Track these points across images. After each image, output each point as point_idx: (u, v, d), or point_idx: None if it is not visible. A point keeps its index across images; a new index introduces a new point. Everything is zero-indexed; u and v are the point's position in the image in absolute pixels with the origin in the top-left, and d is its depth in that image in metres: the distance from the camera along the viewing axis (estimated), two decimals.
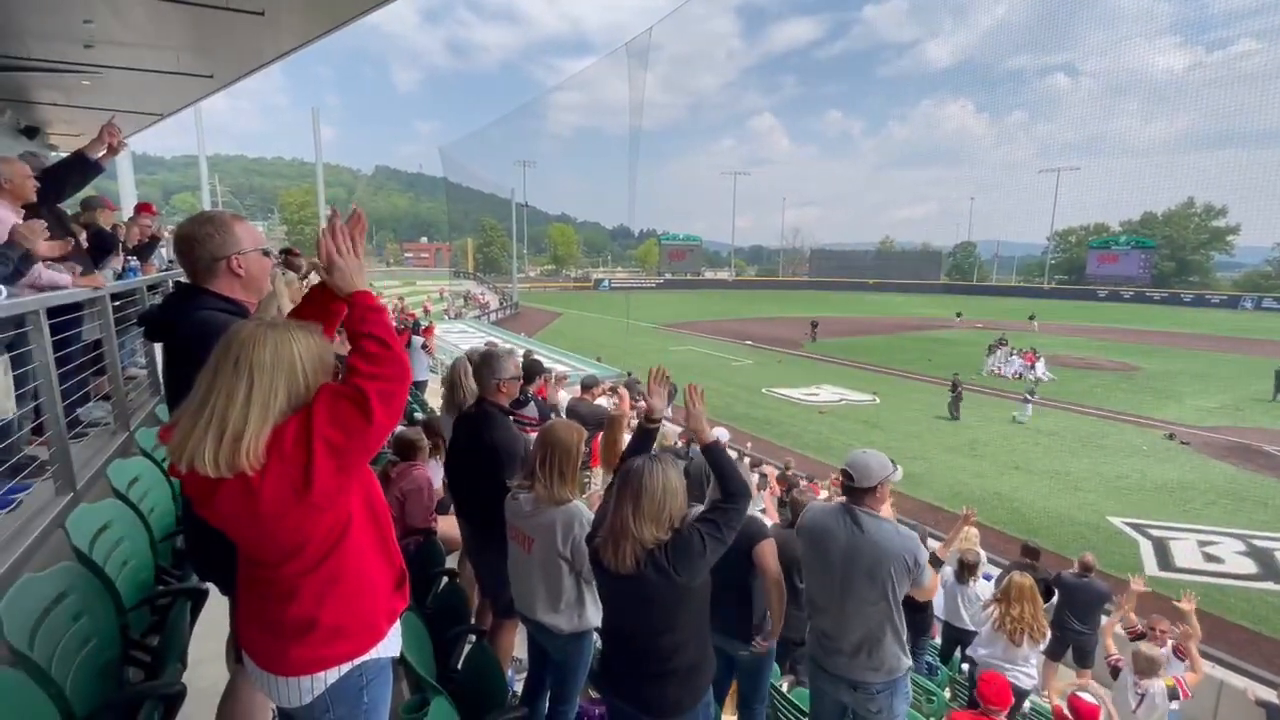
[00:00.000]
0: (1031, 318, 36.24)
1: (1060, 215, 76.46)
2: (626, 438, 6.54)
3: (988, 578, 6.78)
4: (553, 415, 5.36)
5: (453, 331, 23.35)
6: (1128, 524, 10.88)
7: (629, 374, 17.39)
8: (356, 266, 1.48)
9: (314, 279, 2.07)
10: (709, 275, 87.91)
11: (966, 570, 6.13)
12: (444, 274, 61.07)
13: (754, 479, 7.87)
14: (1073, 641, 6.55)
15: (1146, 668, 4.84)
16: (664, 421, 2.67)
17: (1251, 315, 50.36)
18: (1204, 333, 36.95)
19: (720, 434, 6.54)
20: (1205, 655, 7.06)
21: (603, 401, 7.90)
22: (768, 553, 2.95)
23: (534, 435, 2.72)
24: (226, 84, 6.14)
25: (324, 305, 1.59)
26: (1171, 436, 15.88)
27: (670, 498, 2.06)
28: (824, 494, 9.28)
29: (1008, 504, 11.74)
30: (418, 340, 9.49)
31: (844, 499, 2.89)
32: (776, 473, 10.26)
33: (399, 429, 4.17)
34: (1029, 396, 17.66)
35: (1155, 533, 10.55)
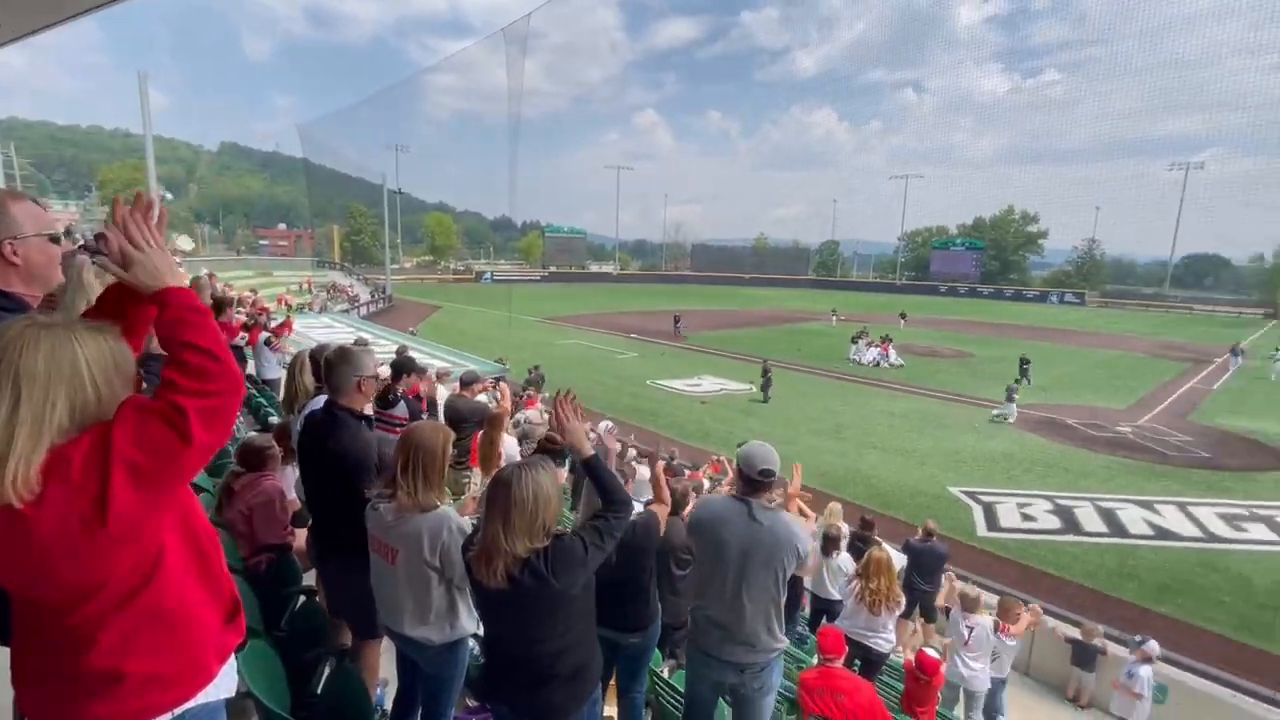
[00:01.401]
0: (902, 315, 38.61)
1: (909, 218, 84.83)
2: (507, 438, 6.39)
3: (850, 548, 7.37)
4: (424, 415, 5.11)
5: (317, 326, 21.50)
6: (964, 492, 12.33)
7: (503, 364, 17.00)
8: (161, 258, 1.27)
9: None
10: (594, 269, 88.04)
11: (830, 543, 6.60)
12: (306, 264, 56.77)
13: (642, 470, 8.00)
14: (920, 600, 7.29)
15: (970, 605, 5.52)
16: (533, 420, 2.61)
17: (1057, 309, 58.80)
18: (1023, 323, 42.55)
19: (601, 427, 6.58)
20: (1018, 600, 8.17)
21: (483, 398, 7.75)
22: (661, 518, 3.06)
23: None
24: (19, 36, 5.19)
25: (124, 306, 1.35)
26: (997, 416, 18.16)
27: (543, 506, 2.02)
28: (706, 482, 9.65)
29: (866, 480, 12.86)
30: (263, 337, 8.65)
31: (737, 491, 2.98)
32: (662, 463, 10.50)
33: (247, 436, 3.78)
34: (1011, 396, 17.98)
35: (985, 499, 12.04)
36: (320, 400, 3.02)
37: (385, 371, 6.78)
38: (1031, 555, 9.91)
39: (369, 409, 5.06)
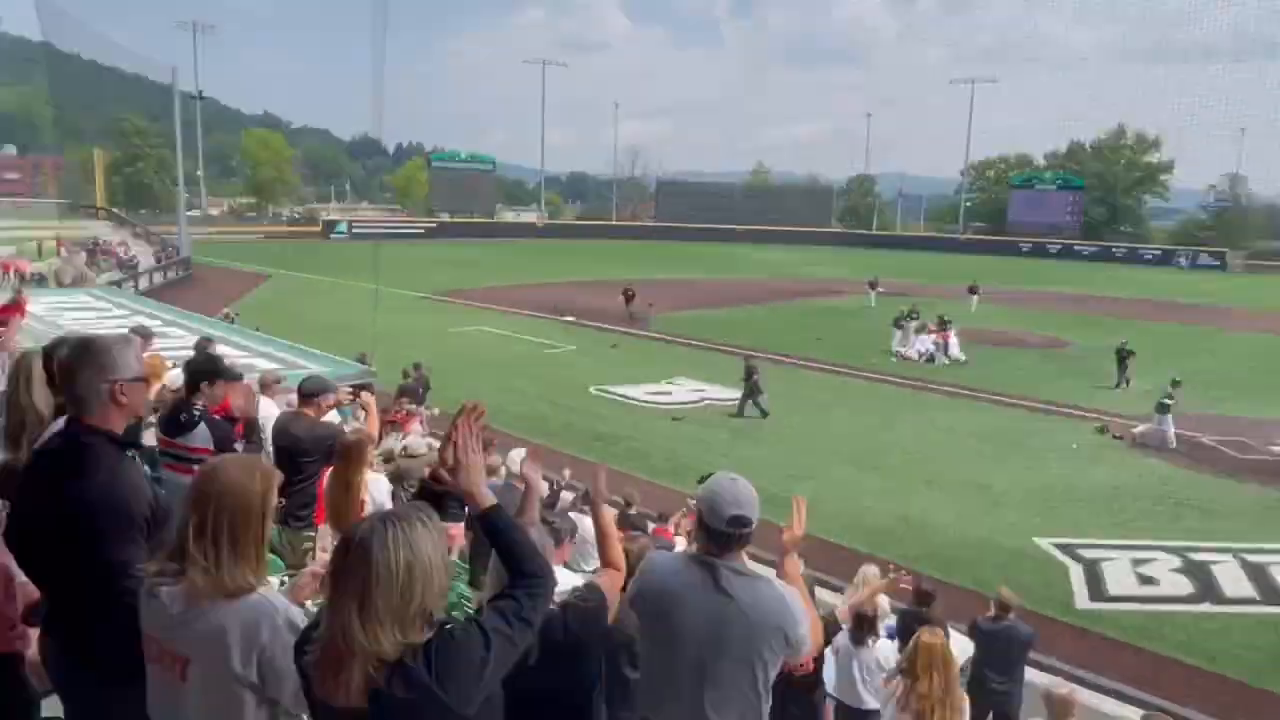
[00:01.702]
0: (973, 289, 38.26)
1: (976, 144, 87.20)
2: (373, 477, 6.29)
3: (891, 636, 7.52)
4: (240, 446, 5.02)
5: (70, 308, 20.71)
6: (1057, 545, 12.74)
7: (364, 362, 16.70)
8: None
9: None
10: (509, 217, 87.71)
11: (864, 626, 6.70)
12: (51, 210, 55.63)
13: (584, 524, 7.97)
14: (993, 704, 7.50)
15: (1063, 712, 5.70)
16: (414, 449, 2.61)
17: (1186, 275, 61.33)
18: (1139, 295, 44.25)
19: (514, 458, 6.53)
20: (1147, 704, 8.47)
21: (335, 417, 7.61)
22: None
23: None
24: None
25: None
26: (1104, 430, 18.84)
27: (421, 580, 1.99)
28: (680, 540, 9.67)
29: (917, 530, 13.15)
30: None
31: (699, 548, 3.01)
32: (612, 512, 10.49)
33: None
34: (1165, 407, 18.21)
35: (1087, 554, 12.46)
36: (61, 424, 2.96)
37: (176, 377, 6.61)
38: (1154, 634, 10.28)
39: (150, 436, 4.91)
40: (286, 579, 3.88)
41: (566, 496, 11.01)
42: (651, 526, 9.86)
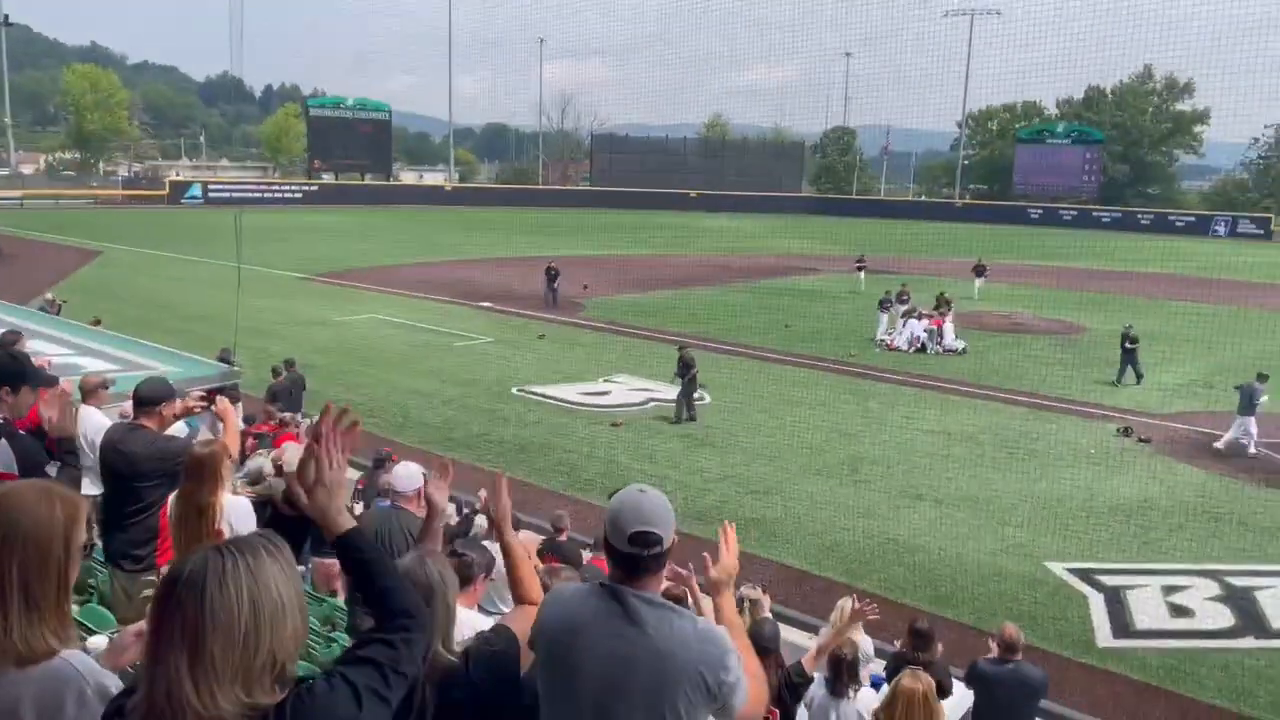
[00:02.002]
0: (979, 269, 38.73)
1: (975, 90, 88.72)
2: (234, 500, 6.18)
3: (876, 682, 7.60)
4: (51, 469, 4.97)
5: None
6: (1073, 571, 13.02)
7: (228, 361, 16.34)
8: None
9: None
10: (407, 179, 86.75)
11: (843, 673, 6.74)
12: None
13: (497, 551, 7.92)
14: None
15: None
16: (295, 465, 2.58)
17: (1224, 245, 63.32)
18: (1168, 270, 45.44)
19: (401, 474, 6.43)
20: None
21: (181, 430, 7.46)
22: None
23: None
24: None
25: None
26: (1127, 431, 19.35)
27: (269, 623, 1.95)
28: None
29: (906, 555, 13.35)
30: None
31: (609, 574, 3.01)
32: (534, 538, 10.44)
33: None
34: (1254, 407, 18.40)
35: (1109, 581, 12.77)
36: None
37: None
38: (1188, 676, 10.54)
39: None
40: (112, 634, 3.77)
41: (481, 522, 10.92)
42: (587, 556, 9.82)
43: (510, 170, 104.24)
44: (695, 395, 19.70)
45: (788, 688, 6.27)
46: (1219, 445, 18.60)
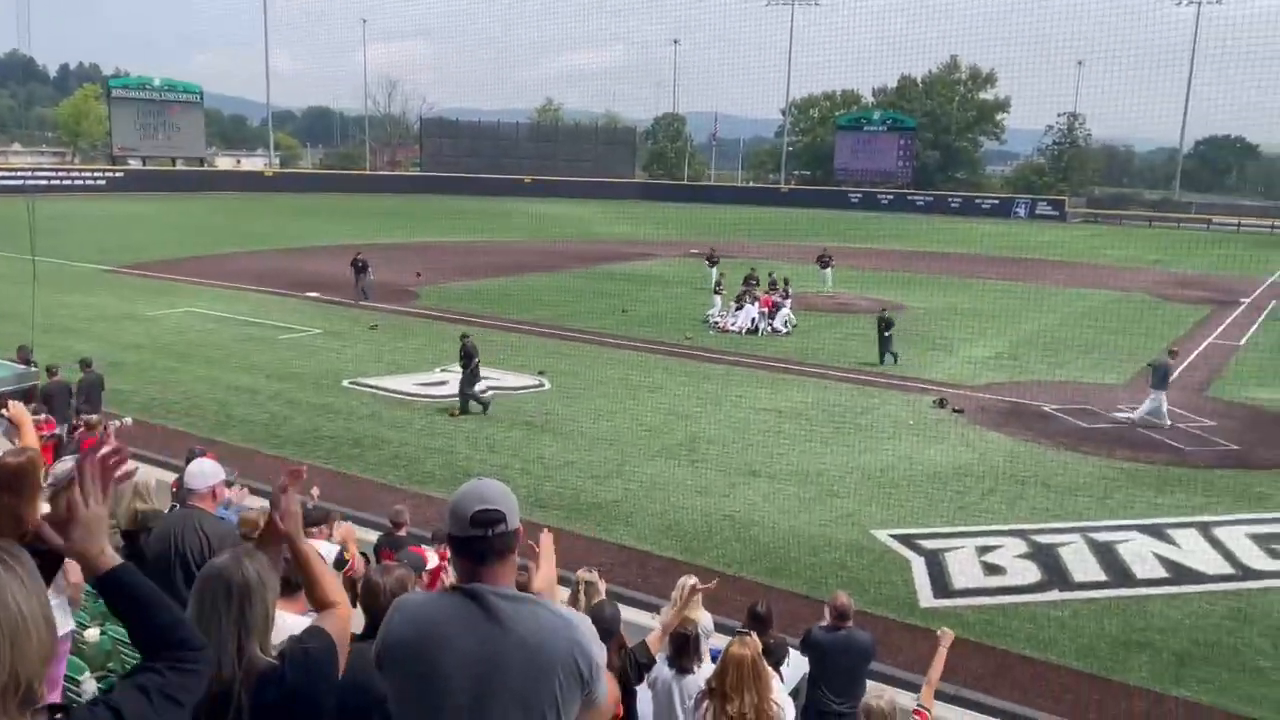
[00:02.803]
0: (823, 259, 38.17)
1: (798, 78, 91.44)
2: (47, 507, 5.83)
3: (715, 656, 7.71)
4: None
5: None
6: (896, 537, 13.64)
7: (27, 361, 15.32)
8: None
9: None
10: (224, 164, 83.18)
11: (686, 650, 6.80)
12: None
13: (327, 550, 7.67)
14: None
15: None
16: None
17: (1025, 225, 67.34)
18: (975, 250, 48.12)
19: (195, 471, 6.18)
20: (988, 708, 9.20)
21: None
22: None
23: None
24: None
25: None
26: (942, 403, 20.40)
27: (8, 639, 1.81)
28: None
29: (741, 529, 13.71)
30: None
31: (457, 576, 2.95)
32: (348, 528, 10.17)
33: None
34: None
35: (929, 544, 13.44)
36: None
37: None
38: (1003, 630, 11.21)
39: None
40: None
41: (339, 529, 10.58)
42: (427, 549, 9.61)
43: (336, 155, 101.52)
44: (479, 388, 19.40)
45: (633, 668, 6.28)
46: (1133, 417, 19.32)
